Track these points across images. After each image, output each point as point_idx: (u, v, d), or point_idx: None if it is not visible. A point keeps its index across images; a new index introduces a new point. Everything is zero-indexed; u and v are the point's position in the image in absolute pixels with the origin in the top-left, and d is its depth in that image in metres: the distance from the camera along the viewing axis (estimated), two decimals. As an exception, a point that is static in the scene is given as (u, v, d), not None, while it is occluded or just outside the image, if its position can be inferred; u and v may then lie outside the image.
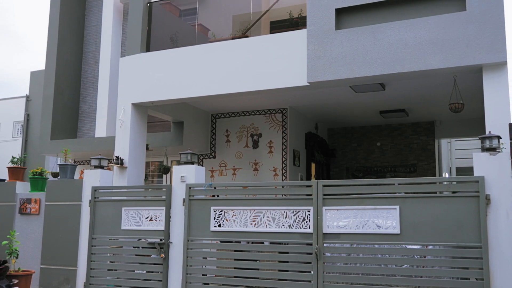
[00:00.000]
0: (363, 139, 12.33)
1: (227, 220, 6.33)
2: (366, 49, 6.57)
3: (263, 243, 6.21)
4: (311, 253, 5.76)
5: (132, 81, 8.34)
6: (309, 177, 11.04)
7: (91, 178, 7.44)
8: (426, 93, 9.26)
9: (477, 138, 5.59)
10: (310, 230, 5.81)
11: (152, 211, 6.81)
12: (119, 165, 7.92)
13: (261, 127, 10.50)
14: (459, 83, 7.52)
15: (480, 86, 6.26)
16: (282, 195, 6.37)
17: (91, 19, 11.84)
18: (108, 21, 11.29)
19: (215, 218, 6.38)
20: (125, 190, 7.39)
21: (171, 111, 9.47)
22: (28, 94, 20.05)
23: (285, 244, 6.04)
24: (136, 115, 8.31)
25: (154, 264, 6.68)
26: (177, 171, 6.77)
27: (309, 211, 5.86)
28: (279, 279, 5.97)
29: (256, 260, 6.22)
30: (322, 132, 12.23)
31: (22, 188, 8.61)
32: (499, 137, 5.32)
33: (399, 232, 5.43)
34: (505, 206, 5.08)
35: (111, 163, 7.92)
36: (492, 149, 5.27)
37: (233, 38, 8.22)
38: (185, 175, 6.67)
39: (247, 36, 8.10)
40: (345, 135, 12.53)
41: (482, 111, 6.14)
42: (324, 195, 5.81)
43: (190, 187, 6.56)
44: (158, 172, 11.24)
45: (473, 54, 6.03)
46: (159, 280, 6.58)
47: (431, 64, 6.23)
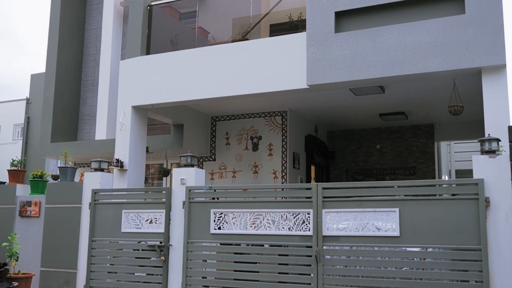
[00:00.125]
0: (362, 141, 12.35)
1: (227, 222, 6.33)
2: (365, 52, 6.59)
3: (263, 245, 6.22)
4: (311, 256, 5.76)
5: (132, 83, 8.35)
6: (308, 180, 11.06)
7: (91, 181, 7.45)
8: (425, 96, 9.27)
9: (477, 141, 5.59)
10: (310, 233, 5.81)
11: (152, 213, 6.81)
12: (119, 167, 7.92)
13: (261, 130, 10.51)
14: (459, 85, 7.53)
15: (479, 89, 6.27)
16: (282, 198, 6.37)
17: (91, 22, 11.87)
18: (109, 24, 11.31)
19: (215, 221, 6.38)
20: (125, 192, 7.39)
21: (171, 114, 9.48)
22: (28, 97, 20.07)
23: (285, 246, 6.04)
24: (136, 117, 8.32)
25: (154, 266, 6.69)
26: (177, 173, 6.78)
27: (308, 213, 5.86)
28: (278, 282, 5.97)
29: (256, 263, 6.23)
30: (322, 134, 12.24)
31: (22, 191, 8.60)
32: (498, 140, 5.33)
33: (398, 235, 5.43)
34: (504, 209, 5.09)
35: (111, 165, 7.93)
36: (492, 152, 5.28)
37: (233, 41, 8.24)
38: (185, 178, 6.68)
39: (247, 39, 8.11)
40: (344, 137, 12.55)
41: (482, 113, 6.15)
42: (324, 197, 5.82)
43: (190, 190, 6.57)
44: (158, 174, 11.25)
45: (472, 57, 6.04)
46: (159, 283, 6.58)
47: (430, 67, 6.24)
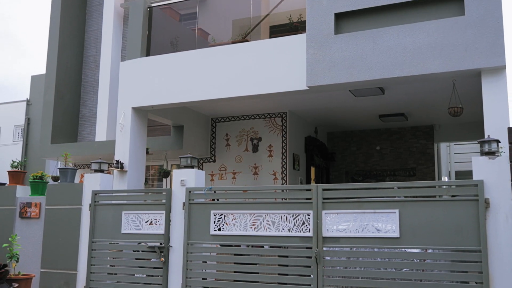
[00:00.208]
0: (362, 143, 12.35)
1: (227, 224, 6.33)
2: (365, 54, 6.59)
3: (263, 246, 6.22)
4: (310, 257, 5.76)
5: (132, 85, 8.36)
6: (308, 181, 11.06)
7: (91, 182, 7.46)
8: (425, 97, 9.28)
9: (476, 142, 5.59)
10: (310, 234, 5.82)
11: (152, 215, 6.82)
12: (119, 169, 7.93)
13: (260, 131, 10.52)
14: (458, 87, 7.54)
15: (479, 90, 6.28)
16: (282, 199, 6.38)
17: (91, 24, 11.88)
18: (109, 25, 11.33)
19: (215, 222, 6.38)
20: (125, 194, 7.39)
21: (171, 115, 9.49)
22: (28, 98, 20.06)
23: (284, 247, 6.04)
24: (136, 119, 8.32)
25: (154, 268, 6.69)
26: (177, 175, 6.78)
27: (308, 214, 5.87)
28: (278, 283, 5.97)
29: (256, 264, 6.23)
30: (322, 136, 12.24)
31: (23, 192, 8.61)
32: (498, 141, 5.33)
33: (398, 236, 5.44)
34: (504, 210, 5.10)
35: (111, 167, 7.93)
36: (491, 153, 5.28)
37: (233, 43, 8.25)
38: (185, 179, 6.68)
39: (247, 41, 8.13)
40: (344, 139, 12.55)
41: (481, 115, 6.15)
42: (324, 199, 5.82)
43: (190, 191, 6.57)
44: (158, 176, 11.26)
45: (472, 58, 6.05)
46: (159, 284, 6.58)
47: (430, 68, 6.25)
